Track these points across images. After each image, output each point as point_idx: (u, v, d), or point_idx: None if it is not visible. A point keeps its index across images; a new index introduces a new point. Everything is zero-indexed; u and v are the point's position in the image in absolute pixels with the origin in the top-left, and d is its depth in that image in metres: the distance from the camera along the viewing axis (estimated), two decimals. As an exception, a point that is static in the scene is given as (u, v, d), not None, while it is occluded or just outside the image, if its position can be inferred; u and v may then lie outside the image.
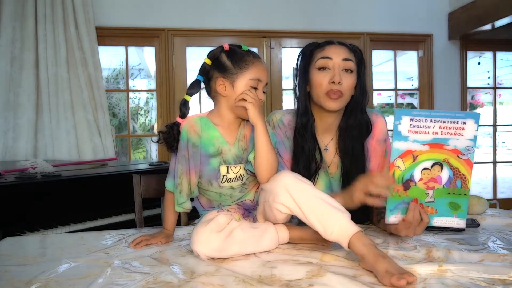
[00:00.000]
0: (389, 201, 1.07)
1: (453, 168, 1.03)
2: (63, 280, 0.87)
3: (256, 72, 1.10)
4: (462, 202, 1.04)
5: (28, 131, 3.22)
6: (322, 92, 1.25)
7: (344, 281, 0.83)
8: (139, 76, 6.39)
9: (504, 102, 8.44)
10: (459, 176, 1.03)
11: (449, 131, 1.02)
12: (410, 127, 1.03)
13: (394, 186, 1.05)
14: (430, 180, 1.05)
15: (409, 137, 1.03)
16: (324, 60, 1.26)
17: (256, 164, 1.08)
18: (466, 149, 1.03)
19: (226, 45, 1.14)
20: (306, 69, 1.29)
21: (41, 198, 1.82)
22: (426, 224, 1.07)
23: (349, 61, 1.26)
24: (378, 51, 4.24)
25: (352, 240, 0.92)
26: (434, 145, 1.03)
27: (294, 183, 1.00)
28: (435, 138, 1.03)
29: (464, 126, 1.02)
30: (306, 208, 0.98)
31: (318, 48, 1.30)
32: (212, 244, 1.00)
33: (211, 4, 3.61)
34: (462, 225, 1.05)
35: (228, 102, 1.12)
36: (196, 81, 1.15)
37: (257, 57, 1.14)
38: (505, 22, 3.41)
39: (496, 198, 4.20)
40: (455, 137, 1.02)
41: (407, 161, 1.04)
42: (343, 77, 1.24)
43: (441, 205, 1.05)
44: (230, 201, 1.15)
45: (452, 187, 1.04)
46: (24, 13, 3.21)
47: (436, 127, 1.02)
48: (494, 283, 0.81)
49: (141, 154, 6.49)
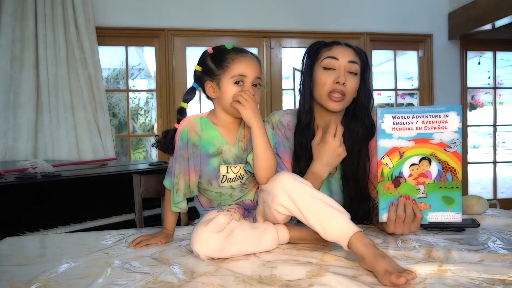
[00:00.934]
0: (381, 199, 1.08)
1: (442, 162, 1.04)
2: (63, 280, 0.87)
3: (237, 69, 1.08)
4: (455, 195, 1.04)
5: (28, 131, 3.22)
6: (325, 92, 1.25)
7: (344, 281, 0.83)
8: (139, 76, 6.38)
9: (504, 102, 8.44)
10: (448, 169, 1.04)
11: (432, 125, 1.04)
12: (394, 125, 1.05)
13: (385, 184, 1.06)
14: (419, 175, 1.05)
15: (393, 134, 1.05)
16: (330, 60, 1.26)
17: (254, 165, 1.08)
18: (452, 142, 1.03)
19: (210, 49, 1.14)
20: (311, 68, 1.29)
21: (41, 198, 1.82)
22: (420, 220, 1.07)
23: (354, 64, 1.26)
24: (378, 51, 4.24)
25: (352, 240, 0.92)
26: (419, 140, 1.04)
27: (293, 184, 1.00)
28: (420, 133, 1.04)
29: (447, 119, 1.03)
30: (305, 209, 0.98)
31: (325, 48, 1.30)
32: (212, 244, 1.00)
33: (211, 4, 3.61)
34: (459, 219, 1.05)
35: (220, 103, 1.12)
36: (191, 88, 1.16)
37: (241, 53, 1.10)
38: (505, 22, 3.41)
39: (496, 198, 4.20)
40: (439, 130, 1.03)
41: (394, 158, 1.05)
42: (347, 78, 1.25)
43: (434, 200, 1.05)
44: (230, 201, 1.15)
45: (443, 181, 1.04)
46: (24, 13, 3.21)
47: (419, 123, 1.04)
48: (494, 283, 0.81)
49: (141, 154, 6.48)
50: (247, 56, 1.11)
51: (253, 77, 1.09)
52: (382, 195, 1.08)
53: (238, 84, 1.08)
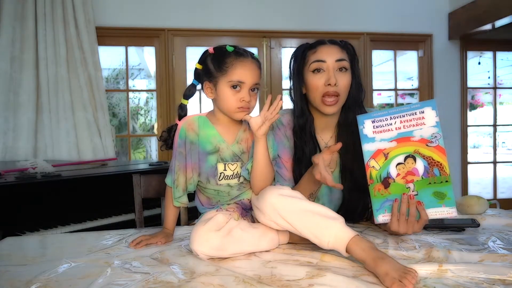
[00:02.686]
0: (374, 201, 1.09)
1: (426, 158, 1.05)
2: (63, 280, 0.87)
3: (236, 74, 1.08)
4: (446, 190, 1.05)
5: (28, 131, 3.22)
6: (318, 95, 1.26)
7: (344, 281, 0.83)
8: (139, 76, 6.38)
9: (504, 102, 8.42)
10: (434, 164, 1.05)
11: (410, 123, 1.06)
12: (374, 128, 1.07)
13: (375, 186, 1.07)
14: (407, 174, 1.06)
15: (375, 137, 1.07)
16: (317, 64, 1.26)
17: (252, 176, 1.11)
18: (432, 136, 1.05)
19: (211, 49, 1.14)
20: (300, 72, 1.30)
21: (41, 198, 1.82)
22: (424, 222, 1.07)
23: (342, 61, 1.26)
24: (378, 51, 4.24)
25: (349, 246, 0.92)
26: (400, 140, 1.06)
27: (281, 202, 1.01)
28: (400, 132, 1.06)
29: (423, 115, 1.05)
30: (298, 223, 0.99)
31: (310, 50, 1.30)
32: (211, 242, 1.00)
33: (211, 4, 3.61)
34: (454, 214, 1.05)
35: (217, 104, 1.13)
36: (191, 85, 1.18)
37: (241, 58, 1.09)
38: (505, 22, 3.41)
39: (496, 198, 4.20)
40: (418, 127, 1.05)
41: (379, 160, 1.07)
42: (338, 77, 1.25)
43: (426, 197, 1.06)
44: (227, 199, 1.16)
45: (430, 176, 1.05)
46: (24, 13, 3.21)
47: (398, 123, 1.06)
48: (494, 283, 0.81)
49: (141, 154, 6.48)
50: (246, 61, 1.10)
51: (251, 83, 1.10)
52: (374, 197, 1.08)
53: (235, 89, 1.08)
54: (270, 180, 1.12)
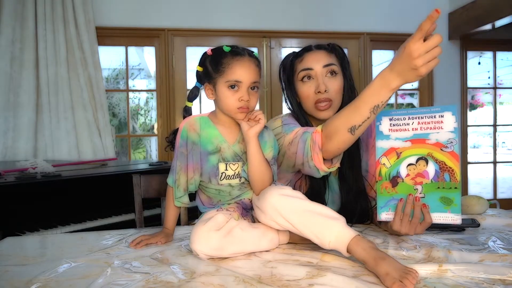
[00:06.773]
0: (379, 198, 1.09)
1: (439, 162, 1.04)
2: (63, 280, 0.87)
3: (232, 74, 1.07)
4: (454, 196, 1.04)
5: (28, 131, 3.22)
6: (311, 103, 1.26)
7: (344, 281, 0.83)
8: (139, 76, 6.38)
9: (504, 102, 8.42)
10: (446, 170, 1.04)
11: (428, 126, 1.05)
12: (391, 126, 1.07)
13: (383, 183, 1.08)
14: (417, 175, 1.06)
15: (390, 135, 1.07)
16: (305, 72, 1.27)
17: (248, 176, 1.11)
18: (448, 142, 1.04)
19: (209, 50, 1.14)
20: (290, 81, 1.31)
21: (41, 198, 1.82)
22: (428, 224, 1.07)
23: (331, 66, 1.26)
24: (378, 51, 4.23)
25: (350, 246, 0.92)
26: (415, 141, 1.05)
27: (282, 201, 1.00)
28: (416, 133, 1.06)
29: (442, 120, 1.04)
30: (299, 224, 0.99)
31: (297, 58, 1.30)
32: (211, 242, 1.00)
33: (211, 4, 3.61)
34: (458, 221, 1.04)
35: (218, 105, 1.14)
36: (194, 88, 1.19)
37: (237, 57, 1.08)
38: (505, 22, 3.41)
39: (496, 198, 4.21)
40: (435, 131, 1.04)
41: (391, 158, 1.07)
42: (328, 83, 1.25)
43: (432, 201, 1.06)
44: (228, 198, 1.16)
45: (440, 181, 1.04)
46: (24, 13, 3.21)
47: (415, 124, 1.06)
48: (494, 283, 0.81)
49: (141, 154, 6.48)
50: (243, 60, 1.08)
51: (249, 82, 1.08)
52: (380, 194, 1.09)
53: (233, 89, 1.08)
54: (268, 181, 1.11)
